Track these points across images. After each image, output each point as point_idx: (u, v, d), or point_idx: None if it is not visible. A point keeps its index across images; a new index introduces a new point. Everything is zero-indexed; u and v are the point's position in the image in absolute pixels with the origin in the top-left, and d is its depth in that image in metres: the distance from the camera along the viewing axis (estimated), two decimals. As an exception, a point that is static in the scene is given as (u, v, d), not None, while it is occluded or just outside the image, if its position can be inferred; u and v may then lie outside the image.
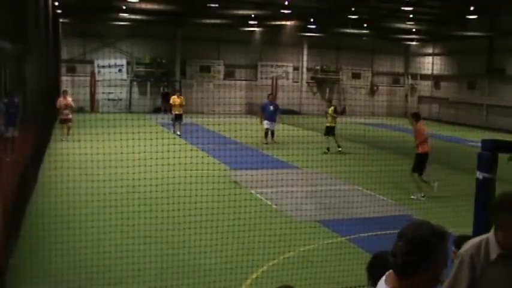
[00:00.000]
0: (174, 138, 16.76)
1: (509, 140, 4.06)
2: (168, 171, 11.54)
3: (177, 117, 23.24)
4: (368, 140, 21.44)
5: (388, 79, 42.22)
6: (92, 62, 34.53)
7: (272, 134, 21.20)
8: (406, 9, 32.03)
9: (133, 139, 9.34)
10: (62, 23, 31.24)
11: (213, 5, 29.36)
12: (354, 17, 32.93)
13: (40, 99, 15.34)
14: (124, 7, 29.59)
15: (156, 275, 7.10)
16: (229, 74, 37.90)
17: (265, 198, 11.89)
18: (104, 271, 7.02)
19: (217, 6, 29.40)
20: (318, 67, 39.63)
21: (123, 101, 35.21)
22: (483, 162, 3.93)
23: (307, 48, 39.13)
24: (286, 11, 30.79)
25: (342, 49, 39.76)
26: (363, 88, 41.54)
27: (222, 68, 37.75)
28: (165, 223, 8.85)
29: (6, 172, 7.70)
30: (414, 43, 41.33)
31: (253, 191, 12.37)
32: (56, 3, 24.91)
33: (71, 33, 33.09)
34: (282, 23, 33.22)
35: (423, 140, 12.89)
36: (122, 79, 35.25)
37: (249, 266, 7.42)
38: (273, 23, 33.46)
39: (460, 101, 36.70)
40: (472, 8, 30.96)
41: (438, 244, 2.33)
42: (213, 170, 15.03)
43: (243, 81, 38.08)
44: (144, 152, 10.05)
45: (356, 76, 41.14)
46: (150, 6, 29.39)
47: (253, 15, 31.76)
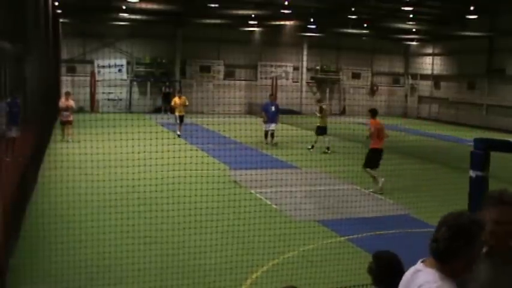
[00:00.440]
0: (174, 138, 16.76)
1: (501, 139, 4.07)
2: (168, 171, 11.55)
3: (180, 118, 22.73)
4: (367, 140, 21.43)
5: (388, 79, 42.23)
6: (92, 62, 34.54)
7: (272, 135, 20.72)
8: (406, 9, 32.03)
9: (133, 139, 9.35)
10: (62, 23, 31.24)
11: (213, 5, 29.36)
12: (354, 17, 32.93)
13: (40, 100, 15.34)
14: (124, 7, 29.60)
15: (156, 275, 7.11)
16: (229, 74, 37.92)
17: (265, 198, 11.91)
18: (104, 271, 7.03)
19: (217, 6, 29.40)
20: (318, 67, 39.64)
21: (123, 101, 35.22)
22: (476, 160, 3.95)
23: (307, 48, 39.14)
24: (286, 11, 30.79)
25: (342, 49, 39.78)
26: (363, 88, 41.55)
27: (222, 68, 37.76)
28: (165, 223, 8.86)
29: (6, 172, 7.71)
30: (414, 43, 41.33)
31: (253, 191, 12.38)
32: (56, 3, 24.91)
33: (71, 33, 33.11)
34: (282, 23, 33.23)
35: (375, 136, 13.33)
36: (122, 79, 35.27)
37: (249, 266, 7.43)
38: (273, 23, 33.47)
39: (460, 101, 36.71)
40: (472, 8, 30.95)
41: (477, 232, 2.53)
42: (213, 169, 15.05)
43: (243, 81, 38.10)
44: (144, 152, 10.06)
45: (356, 76, 41.15)
46: (150, 6, 29.40)
47: (253, 15, 31.77)
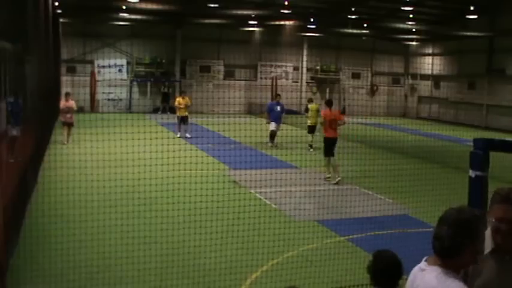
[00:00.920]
0: (174, 138, 16.76)
1: (501, 139, 4.07)
2: (168, 171, 11.55)
3: (182, 119, 22.14)
4: (367, 140, 21.48)
5: (387, 79, 42.23)
6: (92, 62, 34.54)
7: (273, 136, 20.31)
8: (406, 9, 32.09)
9: (133, 139, 9.35)
10: (62, 23, 31.23)
11: (213, 5, 29.38)
12: (354, 17, 32.96)
13: (40, 100, 15.34)
14: (124, 7, 29.59)
15: (156, 275, 7.11)
16: (229, 74, 37.92)
17: (265, 198, 11.91)
18: (104, 271, 7.04)
19: (217, 6, 29.42)
20: (318, 67, 39.64)
21: (123, 101, 35.22)
22: (475, 160, 3.94)
23: (307, 48, 39.14)
24: (286, 11, 30.83)
25: (341, 49, 39.79)
26: (363, 88, 41.56)
27: (221, 68, 37.77)
28: (165, 223, 8.86)
29: (6, 172, 7.71)
30: (414, 43, 41.33)
31: (252, 191, 12.39)
32: (56, 3, 24.91)
33: (71, 33, 33.12)
34: (282, 23, 33.22)
35: (326, 126, 14.20)
36: (122, 79, 35.27)
37: (249, 266, 7.44)
38: (273, 23, 33.46)
39: (460, 101, 36.72)
40: (472, 8, 31.01)
41: (480, 225, 2.61)
42: (213, 169, 15.06)
43: (243, 81, 38.10)
44: (144, 152, 10.07)
45: (356, 76, 41.15)
46: (150, 6, 29.40)
47: (253, 15, 31.77)
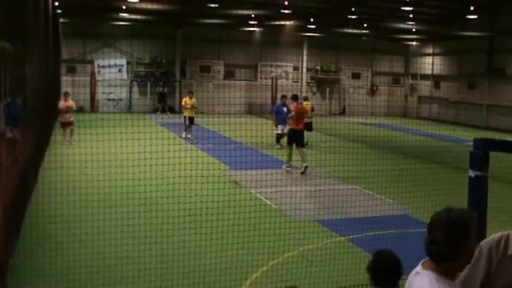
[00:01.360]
0: (174, 138, 16.73)
1: (501, 139, 4.07)
2: (168, 171, 11.56)
3: (189, 120, 21.84)
4: (367, 140, 21.48)
5: (388, 79, 42.22)
6: (92, 62, 34.53)
7: (280, 138, 20.05)
8: (406, 9, 32.09)
9: (133, 139, 9.35)
10: (62, 23, 31.23)
11: (213, 5, 29.38)
12: (354, 17, 32.96)
13: (40, 100, 15.34)
14: (124, 7, 29.60)
15: (156, 275, 7.11)
16: (229, 74, 37.91)
17: (265, 198, 11.91)
18: (104, 271, 7.03)
19: (217, 6, 29.42)
20: (318, 67, 39.63)
21: (123, 101, 35.20)
22: (475, 160, 3.94)
23: (307, 48, 39.13)
24: (286, 11, 30.82)
25: (342, 49, 39.78)
26: (363, 88, 41.55)
27: (222, 68, 37.76)
28: (165, 223, 8.86)
29: (6, 172, 7.71)
30: (414, 43, 41.32)
31: (253, 191, 12.39)
32: (56, 3, 24.91)
33: (71, 33, 33.10)
34: (282, 23, 33.23)
35: (294, 118, 15.46)
36: (122, 79, 35.26)
37: (249, 266, 7.44)
38: (273, 23, 33.47)
39: (460, 101, 36.71)
40: (472, 8, 31.00)
41: (471, 223, 2.56)
42: (213, 169, 15.05)
43: (243, 81, 38.09)
44: (144, 152, 10.07)
45: (356, 76, 41.14)
46: (150, 6, 29.40)
47: (253, 15, 31.77)
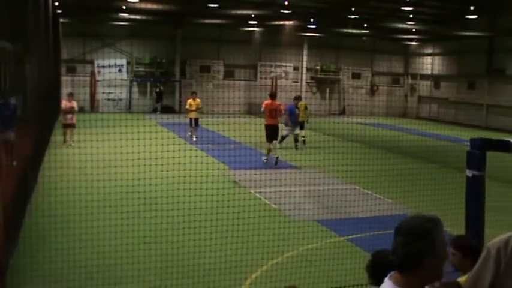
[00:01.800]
0: (174, 138, 16.74)
1: (498, 139, 4.08)
2: (168, 171, 11.57)
3: (195, 122, 21.26)
4: (367, 140, 21.48)
5: (387, 79, 42.21)
6: (92, 62, 34.53)
7: (297, 139, 19.88)
8: (406, 9, 32.08)
9: (133, 139, 9.36)
10: (62, 23, 31.23)
11: (213, 5, 29.38)
12: (353, 17, 32.96)
13: (40, 100, 15.34)
14: (124, 7, 29.60)
15: (156, 275, 7.12)
16: (229, 74, 37.91)
17: (265, 198, 11.92)
18: (104, 271, 7.04)
19: (217, 6, 29.42)
20: (318, 67, 39.63)
21: (123, 101, 35.20)
22: (472, 160, 3.95)
23: (307, 48, 39.12)
24: (286, 11, 30.83)
25: (342, 49, 39.77)
26: (363, 88, 41.55)
27: (221, 68, 37.76)
28: (165, 223, 8.86)
29: (6, 173, 7.72)
30: (414, 43, 41.32)
31: (252, 191, 12.39)
32: (56, 3, 24.91)
33: (71, 33, 33.10)
34: (282, 23, 33.24)
35: (266, 115, 16.27)
36: (122, 79, 35.26)
37: (249, 266, 7.45)
38: (273, 23, 33.48)
39: (460, 101, 36.71)
40: (472, 8, 31.00)
41: (434, 229, 2.35)
42: (213, 169, 15.06)
43: (243, 81, 38.09)
44: (144, 152, 10.08)
45: (356, 76, 41.13)
46: (150, 6, 29.41)
47: (253, 15, 31.78)
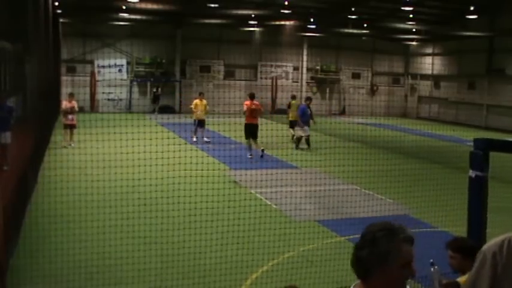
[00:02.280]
0: (174, 138, 16.74)
1: (501, 139, 4.07)
2: (168, 171, 11.56)
3: (200, 123, 20.83)
4: (367, 140, 21.48)
5: (388, 79, 42.20)
6: (92, 62, 34.52)
7: (308, 140, 19.93)
8: (406, 9, 32.08)
9: (133, 139, 9.35)
10: (62, 23, 31.23)
11: (213, 5, 29.37)
12: (354, 17, 32.95)
13: (40, 100, 15.34)
14: (124, 7, 29.59)
15: (156, 275, 7.11)
16: (229, 74, 37.89)
17: (265, 198, 11.91)
18: (104, 271, 7.03)
19: (217, 6, 29.41)
20: (318, 67, 39.62)
21: (123, 101, 35.19)
22: (475, 160, 3.94)
23: (307, 48, 39.11)
24: (286, 11, 30.81)
25: (342, 49, 39.76)
26: (363, 88, 41.54)
27: (222, 68, 37.75)
28: (165, 223, 8.86)
29: (5, 173, 7.71)
30: (414, 43, 41.31)
31: (252, 191, 12.39)
32: (56, 3, 24.91)
33: (71, 33, 33.10)
34: (282, 23, 33.23)
35: (247, 115, 17.48)
36: (122, 79, 35.25)
37: (249, 266, 7.44)
38: (273, 23, 33.47)
39: (460, 101, 36.70)
40: (472, 8, 30.99)
41: (384, 239, 2.20)
42: (213, 169, 15.05)
43: (243, 81, 38.08)
44: (144, 152, 10.07)
45: (356, 76, 41.12)
46: (150, 6, 29.40)
47: (253, 15, 31.78)
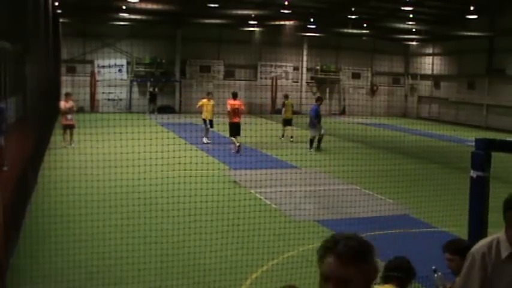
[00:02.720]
0: (174, 138, 16.75)
1: (502, 139, 4.07)
2: (168, 171, 11.56)
3: (210, 123, 20.74)
4: (367, 140, 21.48)
5: (388, 79, 42.20)
6: (92, 62, 34.52)
7: (319, 140, 19.84)
8: (406, 9, 32.06)
9: (133, 139, 9.36)
10: (62, 23, 31.23)
11: (213, 5, 29.37)
12: (354, 17, 32.94)
13: (40, 100, 15.34)
14: (124, 7, 29.58)
15: (156, 275, 7.11)
16: (229, 74, 37.89)
17: (265, 198, 11.91)
18: (104, 271, 7.03)
19: (217, 6, 29.41)
20: (318, 67, 39.61)
21: (123, 101, 35.20)
22: (477, 161, 3.94)
23: (307, 48, 39.11)
24: (286, 11, 30.80)
25: (342, 49, 39.75)
26: (363, 88, 41.53)
27: (222, 68, 37.75)
28: (165, 223, 8.87)
29: (5, 173, 7.70)
30: (414, 43, 41.31)
31: (252, 191, 12.38)
32: (56, 3, 24.91)
33: (71, 33, 33.11)
34: (282, 23, 33.22)
35: (231, 113, 18.48)
36: (122, 79, 35.26)
37: (249, 266, 7.45)
38: (273, 23, 33.46)
39: (460, 101, 36.70)
40: (472, 8, 30.97)
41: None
42: (213, 169, 15.05)
43: (243, 81, 38.08)
44: (144, 152, 10.07)
45: (356, 76, 41.12)
46: (150, 6, 29.38)
47: (253, 15, 31.77)
